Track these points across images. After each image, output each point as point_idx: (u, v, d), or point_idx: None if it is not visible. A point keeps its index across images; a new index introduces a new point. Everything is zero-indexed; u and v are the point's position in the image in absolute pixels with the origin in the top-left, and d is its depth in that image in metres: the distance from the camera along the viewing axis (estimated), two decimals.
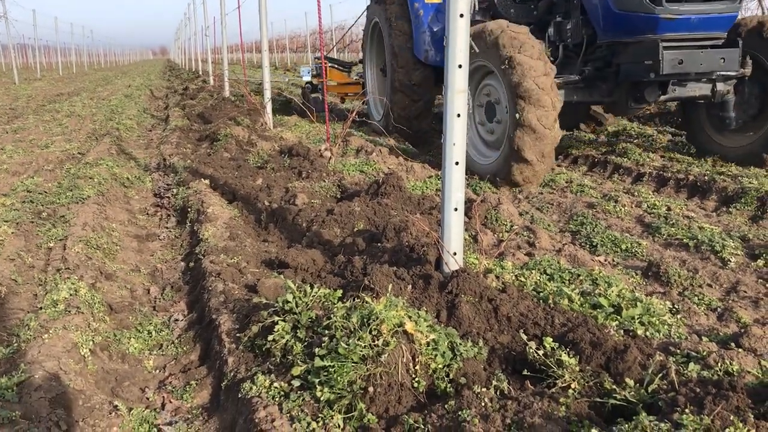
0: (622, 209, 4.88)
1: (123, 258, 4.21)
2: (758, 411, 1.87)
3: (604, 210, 4.92)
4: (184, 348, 3.03)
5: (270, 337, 2.49)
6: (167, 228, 5.05)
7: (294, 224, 4.39)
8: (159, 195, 6.10)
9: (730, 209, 4.76)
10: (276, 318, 2.56)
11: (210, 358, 2.85)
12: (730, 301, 3.22)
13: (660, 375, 2.14)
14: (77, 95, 17.75)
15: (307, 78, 11.42)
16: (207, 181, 5.78)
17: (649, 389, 2.09)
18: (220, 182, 5.74)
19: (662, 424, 1.74)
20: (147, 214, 5.49)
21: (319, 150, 6.71)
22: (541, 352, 2.32)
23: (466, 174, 2.78)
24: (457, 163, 2.76)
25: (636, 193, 5.38)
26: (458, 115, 2.73)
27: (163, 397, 2.61)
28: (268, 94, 9.23)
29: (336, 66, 11.47)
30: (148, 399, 2.62)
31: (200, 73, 26.38)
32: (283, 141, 7.69)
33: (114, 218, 4.97)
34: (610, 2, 5.68)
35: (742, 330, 2.66)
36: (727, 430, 1.68)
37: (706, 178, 5.42)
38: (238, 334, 2.73)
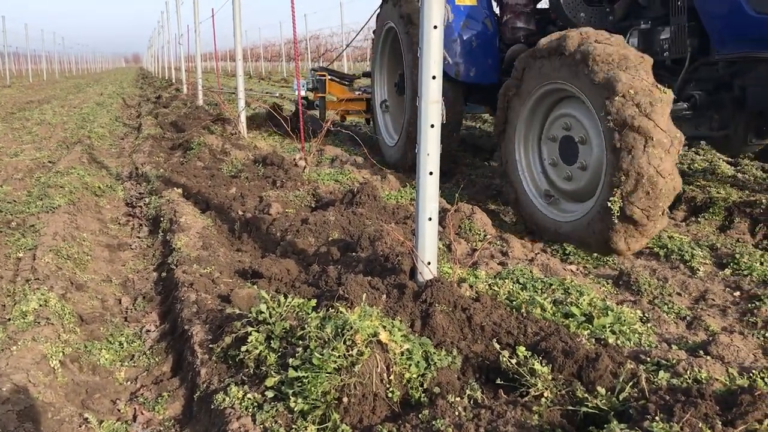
0: None
1: (94, 268, 4.16)
2: (726, 418, 1.91)
3: None
4: (156, 359, 3.00)
5: (243, 348, 2.48)
6: (139, 237, 5.00)
7: (268, 234, 4.38)
8: (131, 204, 6.04)
9: (699, 219, 4.84)
10: (249, 328, 2.54)
11: (182, 369, 2.82)
12: (698, 310, 3.27)
13: (631, 383, 2.17)
14: (48, 103, 17.52)
15: (302, 92, 9.81)
16: (180, 190, 5.74)
17: (620, 397, 2.12)
18: (193, 191, 5.71)
19: None
20: (119, 223, 5.44)
21: (294, 159, 6.70)
22: (514, 361, 2.33)
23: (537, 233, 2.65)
24: (431, 173, 2.78)
25: None
26: (432, 126, 2.75)
27: (135, 408, 2.58)
28: (242, 103, 9.20)
29: (336, 79, 9.93)
30: (119, 411, 2.59)
31: (173, 81, 26.22)
32: (257, 150, 7.66)
33: (85, 228, 4.91)
34: (744, 2, 4.08)
35: (711, 338, 2.70)
36: None
37: None
38: (211, 345, 2.72)
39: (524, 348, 2.42)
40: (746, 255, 3.87)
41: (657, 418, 1.87)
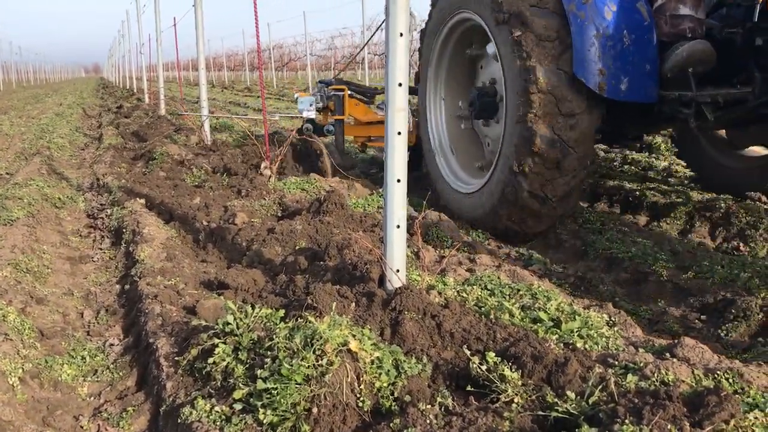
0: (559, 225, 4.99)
1: (55, 281, 4.06)
2: (693, 419, 1.93)
3: None
4: (120, 373, 2.93)
5: (210, 360, 2.43)
6: (101, 249, 4.90)
7: (234, 244, 4.32)
8: (92, 216, 5.92)
9: (661, 223, 4.92)
10: (216, 340, 2.50)
11: (148, 383, 2.76)
12: (663, 313, 3.32)
13: (600, 387, 2.18)
14: (5, 113, 17.14)
15: (309, 113, 7.23)
16: (143, 201, 5.65)
17: (590, 401, 2.12)
18: (156, 202, 5.62)
19: None
20: (80, 235, 5.32)
21: (259, 168, 6.64)
22: (484, 367, 2.33)
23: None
24: (398, 181, 2.77)
25: None
26: (399, 133, 2.74)
27: (99, 425, 2.52)
28: (205, 111, 9.10)
29: (357, 96, 7.31)
30: (82, 428, 2.52)
31: (135, 91, 25.88)
32: (221, 159, 7.58)
33: (45, 240, 4.79)
34: None
35: (676, 341, 2.73)
36: None
37: (637, 193, 5.59)
38: (176, 358, 2.66)
39: (494, 354, 2.42)
40: (707, 258, 3.94)
41: (627, 421, 1.88)
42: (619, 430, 1.82)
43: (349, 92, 7.03)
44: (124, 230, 4.88)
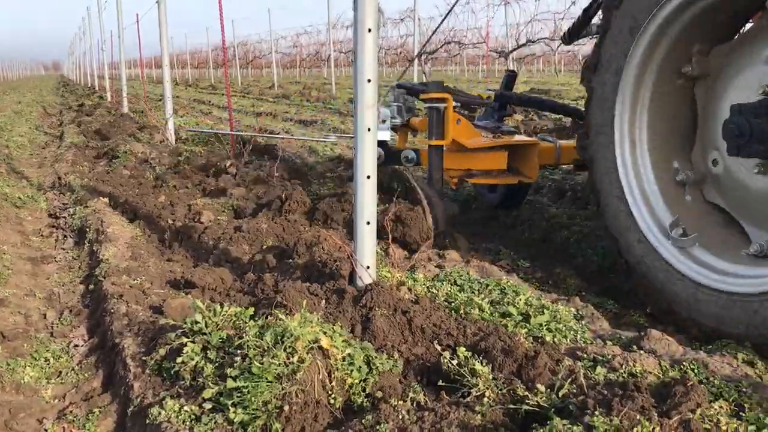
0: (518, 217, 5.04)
1: (16, 282, 3.97)
2: (661, 409, 1.96)
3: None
4: (86, 375, 2.87)
5: (179, 360, 2.40)
6: (64, 249, 4.80)
7: (200, 242, 4.27)
8: (54, 215, 5.80)
9: None
10: (184, 339, 2.47)
11: (114, 384, 2.71)
12: (629, 306, 3.36)
13: (569, 379, 2.21)
14: None
15: (384, 133, 4.82)
16: (106, 200, 5.55)
17: (560, 394, 2.15)
18: (120, 200, 5.53)
19: (574, 427, 1.79)
20: (42, 235, 5.21)
21: (225, 166, 6.58)
22: (455, 362, 2.34)
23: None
24: (368, 177, 2.77)
25: (538, 204, 5.56)
26: (368, 130, 2.73)
27: (63, 427, 2.46)
28: (169, 110, 8.99)
29: (462, 108, 4.92)
30: (46, 431, 2.46)
31: (97, 88, 25.43)
32: (187, 157, 7.49)
33: (5, 240, 4.68)
34: None
35: (642, 333, 2.78)
36: (634, 429, 1.74)
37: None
38: (144, 358, 2.62)
39: (464, 348, 2.43)
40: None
41: (596, 412, 1.90)
42: (589, 422, 1.84)
43: (453, 104, 4.53)
44: (87, 229, 4.79)
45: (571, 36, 4.58)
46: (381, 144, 4.62)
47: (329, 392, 2.19)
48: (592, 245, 4.26)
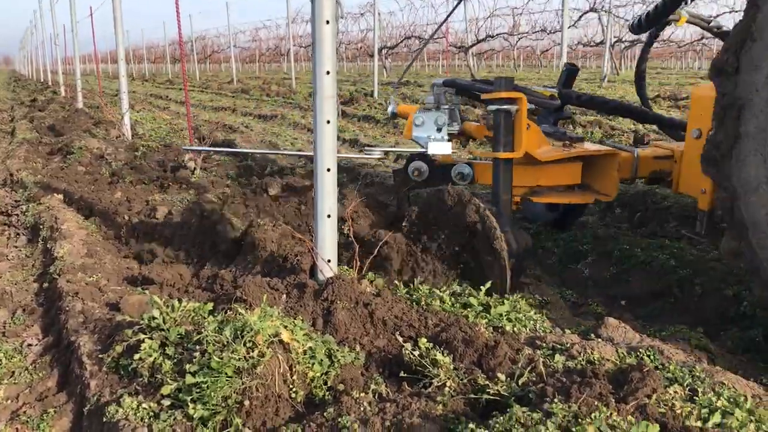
0: None
1: None
2: (618, 395, 1.99)
3: None
4: (40, 374, 2.80)
5: (136, 356, 2.35)
6: (16, 247, 4.68)
7: (157, 239, 4.20)
8: (6, 213, 5.64)
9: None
10: (142, 336, 2.42)
11: (70, 383, 2.65)
12: (587, 295, 3.41)
13: (529, 368, 2.23)
14: None
15: (444, 146, 3.81)
16: (60, 196, 5.43)
17: (520, 382, 2.17)
18: (75, 197, 5.41)
19: (534, 414, 1.81)
20: None
21: (183, 161, 6.48)
22: (416, 353, 2.34)
23: None
24: (328, 170, 2.75)
25: None
26: (328, 122, 2.72)
27: (17, 429, 2.40)
28: (125, 105, 8.82)
29: (536, 110, 4.28)
30: None
31: (50, 83, 24.83)
32: (144, 152, 7.36)
33: None
34: None
35: (600, 321, 2.82)
36: (592, 414, 1.77)
37: None
38: (100, 356, 2.57)
39: (426, 340, 2.44)
40: (626, 241, 4.08)
41: (555, 399, 1.93)
42: (549, 409, 1.86)
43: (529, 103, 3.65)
44: (41, 227, 4.67)
45: (649, 23, 3.91)
46: (423, 157, 3.90)
47: (290, 386, 2.18)
48: (555, 237, 4.31)
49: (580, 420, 1.75)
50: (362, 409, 2.07)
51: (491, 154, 3.50)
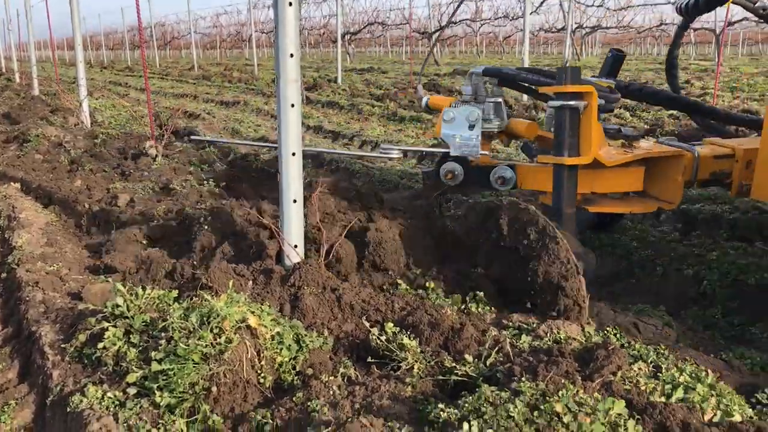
0: None
1: None
2: (584, 373, 2.02)
3: None
4: (0, 366, 2.74)
5: (100, 345, 2.31)
6: None
7: (119, 227, 4.13)
8: None
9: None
10: (106, 324, 2.38)
11: (31, 374, 2.60)
12: None
13: (496, 349, 2.25)
14: None
15: (466, 145, 3.46)
16: (18, 185, 5.30)
17: (488, 363, 2.19)
18: (33, 186, 5.28)
19: (502, 393, 1.82)
20: None
21: (144, 149, 6.37)
22: (383, 338, 2.35)
23: None
24: (293, 154, 2.73)
25: None
26: (292, 105, 2.69)
27: None
28: (83, 92, 8.62)
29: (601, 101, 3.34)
30: None
31: (4, 70, 24.15)
32: (103, 139, 7.21)
33: None
34: None
35: None
36: (560, 392, 1.79)
37: None
38: (63, 345, 2.51)
39: (392, 324, 2.44)
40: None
41: (523, 378, 1.95)
42: (516, 388, 1.88)
43: (601, 89, 3.29)
44: None
45: (699, 9, 3.56)
46: (458, 158, 3.45)
47: (259, 371, 2.17)
48: None
49: (547, 398, 1.77)
50: (331, 392, 2.06)
51: (554, 160, 3.00)
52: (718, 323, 2.94)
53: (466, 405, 1.79)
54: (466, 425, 1.68)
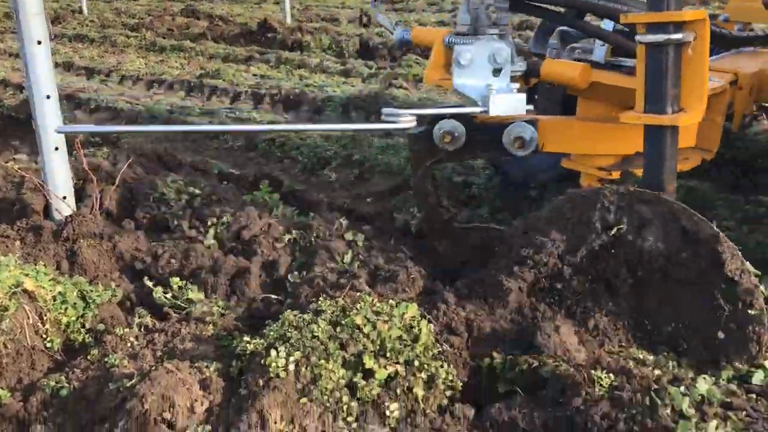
0: None
1: None
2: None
3: None
4: None
5: None
6: None
7: None
8: None
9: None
10: None
11: None
12: None
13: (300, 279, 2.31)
14: None
15: (503, 100, 2.27)
16: None
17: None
18: None
19: (305, 315, 1.88)
20: None
21: None
22: (169, 295, 2.25)
23: None
24: (48, 97, 2.48)
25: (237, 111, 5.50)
26: (39, 42, 2.43)
27: None
28: None
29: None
30: None
31: None
32: None
33: None
34: None
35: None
36: (357, 305, 1.89)
37: (297, 91, 5.79)
38: None
39: (179, 279, 2.35)
40: None
41: (322, 298, 2.01)
42: (317, 308, 1.94)
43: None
44: None
45: None
46: (458, 117, 2.41)
47: (44, 336, 2.02)
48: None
49: (347, 312, 1.86)
50: (129, 344, 1.99)
51: (651, 119, 2.07)
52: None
53: (272, 333, 1.82)
54: (273, 352, 1.71)
